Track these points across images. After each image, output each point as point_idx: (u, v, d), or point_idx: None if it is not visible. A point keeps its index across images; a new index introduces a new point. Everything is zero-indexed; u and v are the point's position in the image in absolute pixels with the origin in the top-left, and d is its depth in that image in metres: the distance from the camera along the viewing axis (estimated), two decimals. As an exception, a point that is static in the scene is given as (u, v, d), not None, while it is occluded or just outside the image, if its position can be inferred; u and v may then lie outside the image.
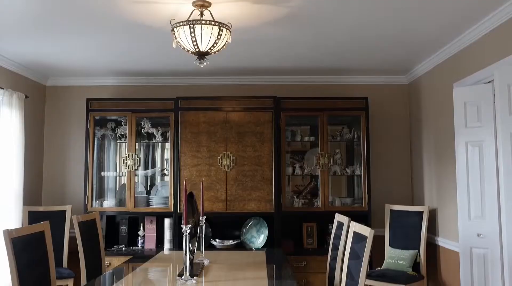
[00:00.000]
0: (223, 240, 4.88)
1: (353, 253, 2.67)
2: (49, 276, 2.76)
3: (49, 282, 2.76)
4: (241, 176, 4.88)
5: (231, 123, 4.96)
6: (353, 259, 2.65)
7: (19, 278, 2.48)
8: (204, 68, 5.02)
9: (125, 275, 2.96)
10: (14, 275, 2.46)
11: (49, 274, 2.77)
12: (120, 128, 5.19)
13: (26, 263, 2.56)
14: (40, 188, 5.43)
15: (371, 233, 2.48)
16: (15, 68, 4.86)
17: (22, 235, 2.59)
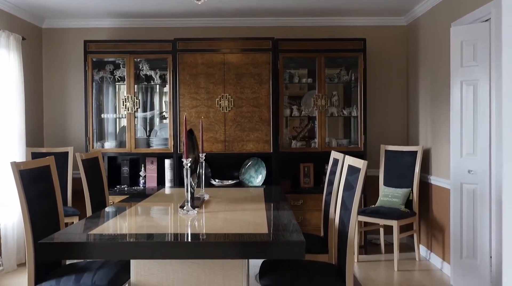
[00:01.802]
0: (222, 180, 5.02)
1: (347, 184, 2.78)
2: (57, 209, 2.89)
3: (57, 215, 2.88)
4: (239, 117, 4.96)
5: (229, 64, 4.97)
6: (347, 190, 2.77)
7: (29, 210, 2.60)
8: (201, 9, 5.00)
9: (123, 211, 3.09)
10: (24, 206, 2.57)
11: (56, 207, 2.89)
12: (119, 70, 5.21)
13: (34, 196, 2.67)
14: (42, 130, 5.51)
15: (364, 164, 2.58)
16: (10, 9, 4.81)
17: (29, 168, 2.68)
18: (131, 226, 2.70)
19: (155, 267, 2.48)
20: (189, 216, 2.84)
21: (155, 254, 2.26)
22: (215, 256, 2.28)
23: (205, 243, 2.27)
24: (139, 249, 2.26)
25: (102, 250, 2.28)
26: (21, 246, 4.68)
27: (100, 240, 2.31)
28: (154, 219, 3.02)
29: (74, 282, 2.54)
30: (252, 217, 2.83)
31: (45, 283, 2.55)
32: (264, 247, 2.25)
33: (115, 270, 2.69)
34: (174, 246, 2.27)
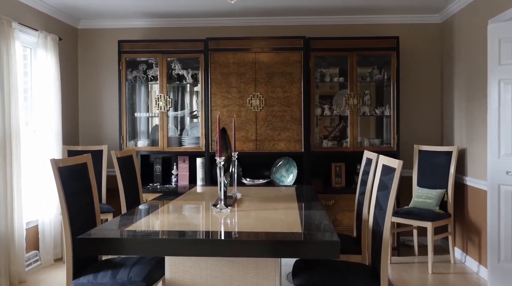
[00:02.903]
0: (253, 179, 5.02)
1: (382, 184, 2.74)
2: (93, 206, 2.95)
3: (93, 211, 2.95)
4: (270, 116, 4.95)
5: (261, 63, 4.97)
6: (381, 190, 2.73)
7: (67, 206, 2.66)
8: (233, 8, 5.02)
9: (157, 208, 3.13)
10: (63, 202, 2.64)
11: (93, 204, 2.95)
12: (151, 70, 5.28)
13: (72, 192, 2.73)
14: (77, 128, 5.64)
15: (399, 164, 2.54)
16: (48, 11, 4.94)
17: (67, 165, 2.75)
18: (165, 223, 2.73)
19: (189, 264, 2.50)
20: (222, 214, 2.86)
21: (189, 251, 2.28)
22: (248, 254, 2.28)
23: (239, 241, 2.27)
24: (174, 246, 2.28)
25: (137, 246, 2.31)
26: (58, 241, 4.80)
27: (136, 237, 2.35)
28: (188, 217, 3.05)
29: (110, 277, 2.58)
30: (284, 216, 2.82)
31: (82, 278, 2.61)
32: (298, 246, 2.24)
33: (150, 267, 2.72)
34: (207, 243, 2.28)
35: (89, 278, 2.60)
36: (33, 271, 4.45)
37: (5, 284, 3.91)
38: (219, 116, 2.92)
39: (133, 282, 2.57)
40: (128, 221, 2.70)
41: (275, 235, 2.32)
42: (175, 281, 2.50)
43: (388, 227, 2.53)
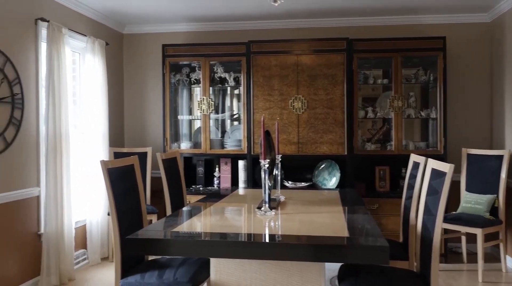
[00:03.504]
0: (295, 182, 4.99)
1: (431, 189, 2.66)
2: (140, 206, 3.00)
3: (140, 212, 3.00)
4: (313, 119, 4.92)
5: (303, 66, 4.95)
6: (430, 195, 2.65)
7: (116, 206, 2.72)
8: (274, 11, 5.02)
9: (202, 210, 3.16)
10: (112, 202, 2.70)
11: (140, 205, 3.01)
12: (194, 73, 5.35)
13: (120, 193, 2.79)
14: (122, 131, 5.78)
15: (450, 168, 2.46)
16: (96, 17, 5.09)
17: (116, 166, 2.81)
18: (210, 225, 2.75)
19: (234, 266, 2.51)
20: (266, 217, 2.85)
21: (233, 253, 2.28)
22: (294, 258, 2.26)
23: (283, 245, 2.25)
24: (218, 248, 2.29)
25: (183, 247, 2.33)
26: (104, 241, 4.93)
27: (181, 238, 2.37)
28: (232, 219, 3.06)
29: (157, 277, 2.62)
30: (330, 219, 2.79)
31: (130, 277, 2.66)
32: (344, 251, 2.20)
33: (195, 268, 2.75)
34: (252, 246, 2.28)
35: (136, 278, 2.64)
36: (81, 269, 4.58)
37: (56, 281, 4.04)
38: (264, 119, 2.92)
39: (179, 282, 2.59)
40: (174, 223, 2.73)
41: (320, 239, 2.29)
42: (220, 283, 2.51)
43: (438, 233, 2.45)
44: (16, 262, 3.82)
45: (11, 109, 3.77)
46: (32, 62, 4.06)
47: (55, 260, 4.04)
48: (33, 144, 4.05)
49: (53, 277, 4.02)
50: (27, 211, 3.97)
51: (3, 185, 3.68)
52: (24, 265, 3.91)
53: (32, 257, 4.00)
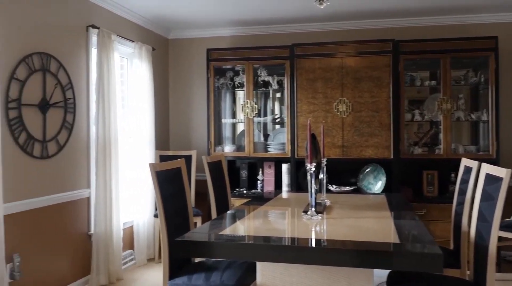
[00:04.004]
0: (340, 186, 4.93)
1: (485, 194, 2.56)
2: (187, 209, 3.04)
3: (187, 214, 3.04)
4: (357, 122, 4.84)
5: (347, 68, 4.89)
6: (485, 201, 2.55)
7: (164, 208, 2.77)
8: (318, 13, 4.99)
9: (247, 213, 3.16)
10: (160, 204, 2.75)
11: (187, 207, 3.04)
12: (238, 77, 5.38)
13: (168, 195, 2.84)
14: (168, 134, 5.89)
15: (507, 173, 2.36)
16: (143, 23, 5.22)
17: (164, 169, 2.86)
18: (256, 228, 2.75)
19: (280, 270, 2.49)
20: (313, 221, 2.82)
21: (279, 257, 2.27)
22: (342, 263, 2.22)
23: (332, 250, 2.22)
24: (264, 252, 2.29)
25: (229, 250, 2.34)
26: (151, 242, 5.03)
27: (228, 241, 2.38)
28: (278, 222, 3.05)
29: (204, 280, 2.64)
30: (378, 225, 2.73)
31: (178, 279, 2.69)
32: (395, 258, 2.14)
33: (241, 271, 2.75)
34: (299, 250, 2.26)
35: (184, 280, 2.68)
36: (129, 269, 4.69)
37: (105, 280, 4.15)
38: (310, 122, 2.89)
39: (226, 285, 2.60)
40: (220, 226, 2.75)
41: (369, 245, 2.25)
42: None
43: (494, 241, 2.36)
44: (68, 261, 3.95)
45: (63, 113, 3.91)
46: (83, 68, 4.20)
47: (104, 260, 4.16)
48: (84, 147, 4.18)
49: (102, 276, 4.13)
50: (78, 212, 4.10)
51: (56, 187, 3.82)
52: (76, 264, 4.04)
53: (83, 256, 4.13)
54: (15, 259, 3.34)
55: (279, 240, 2.40)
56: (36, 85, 3.61)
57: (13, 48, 3.39)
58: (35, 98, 3.61)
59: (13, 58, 3.40)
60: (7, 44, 3.31)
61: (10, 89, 3.36)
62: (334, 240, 2.38)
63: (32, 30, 3.60)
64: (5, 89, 3.31)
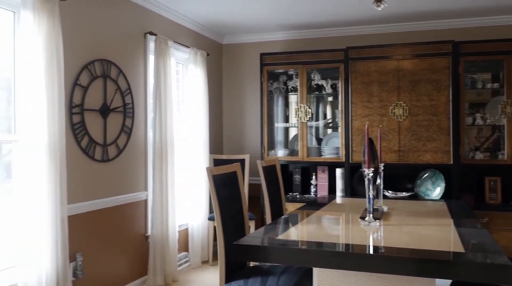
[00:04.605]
0: (396, 191, 4.80)
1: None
2: (242, 212, 3.06)
3: (242, 218, 3.05)
4: (415, 126, 4.70)
5: (404, 71, 4.76)
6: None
7: (220, 211, 2.79)
8: (372, 16, 4.90)
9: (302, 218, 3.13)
10: (216, 207, 2.77)
11: (242, 211, 3.06)
12: (291, 81, 5.37)
13: (224, 199, 2.86)
14: (221, 138, 5.96)
15: None
16: (198, 29, 5.32)
17: (220, 173, 2.89)
18: (312, 234, 2.72)
19: (338, 277, 2.44)
20: (370, 227, 2.76)
21: (335, 263, 2.23)
22: (400, 272, 2.15)
23: (390, 257, 2.16)
24: (321, 258, 2.25)
25: (286, 255, 2.32)
26: (205, 245, 5.09)
27: (284, 246, 2.36)
28: (334, 228, 3.00)
29: (260, 284, 2.64)
30: (440, 233, 2.63)
31: (234, 282, 2.70)
32: (460, 267, 2.05)
33: (297, 277, 2.73)
34: (355, 257, 2.21)
35: (240, 283, 2.68)
36: (184, 271, 4.77)
37: (161, 281, 4.25)
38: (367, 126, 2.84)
39: (282, 290, 2.59)
40: (277, 230, 2.74)
41: (432, 253, 2.16)
42: (323, 294, 2.46)
43: None
44: (127, 261, 4.07)
45: (123, 117, 4.04)
46: (141, 74, 4.32)
47: (161, 261, 4.25)
48: (141, 150, 4.30)
49: (159, 277, 4.22)
50: (136, 214, 4.22)
51: (115, 189, 3.94)
52: (133, 264, 4.16)
53: (140, 257, 4.24)
54: (77, 258, 3.47)
55: (334, 246, 2.36)
56: (97, 90, 3.76)
57: (76, 56, 3.55)
58: (97, 103, 3.75)
59: (77, 65, 3.55)
60: (71, 52, 3.47)
61: (74, 94, 3.51)
62: (393, 248, 2.31)
63: (94, 38, 3.75)
64: (69, 95, 3.46)
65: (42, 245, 3.01)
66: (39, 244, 2.99)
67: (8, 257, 3.08)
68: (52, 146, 3.09)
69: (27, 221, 2.96)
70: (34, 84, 2.99)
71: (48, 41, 3.07)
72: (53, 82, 3.10)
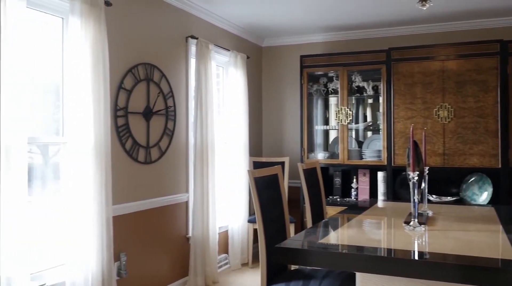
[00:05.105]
0: (440, 196, 4.67)
1: None
2: (283, 216, 3.04)
3: (283, 221, 3.04)
4: (460, 128, 4.56)
5: (449, 72, 4.63)
6: None
7: (262, 214, 2.79)
8: (416, 15, 4.79)
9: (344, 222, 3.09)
10: (258, 210, 2.77)
11: (283, 214, 3.05)
12: (332, 83, 5.32)
13: (265, 201, 2.86)
14: (261, 140, 5.97)
15: None
16: (238, 32, 5.35)
17: (262, 176, 2.89)
18: (354, 238, 2.67)
19: (381, 283, 2.39)
20: (415, 232, 2.68)
21: (378, 268, 2.18)
22: (449, 279, 2.07)
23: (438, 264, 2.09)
24: (365, 262, 2.21)
25: (328, 259, 2.29)
26: (244, 247, 5.10)
27: (327, 250, 2.33)
28: (376, 233, 2.94)
29: (302, 288, 2.62)
30: (489, 239, 2.53)
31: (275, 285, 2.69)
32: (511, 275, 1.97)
33: (339, 281, 2.69)
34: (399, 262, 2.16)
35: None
36: (224, 273, 4.80)
37: (202, 283, 4.28)
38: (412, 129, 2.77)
39: (324, 295, 2.56)
40: (317, 234, 2.71)
41: (479, 260, 2.08)
42: (366, 299, 2.41)
43: None
44: (168, 261, 4.13)
45: (165, 120, 4.11)
46: (182, 77, 4.39)
47: (201, 263, 4.29)
48: (183, 153, 4.36)
49: (200, 279, 4.26)
50: (178, 215, 4.28)
51: (158, 191, 4.01)
52: (175, 265, 4.21)
53: (181, 258, 4.30)
54: (121, 258, 3.55)
55: (376, 250, 2.32)
56: (141, 94, 3.84)
57: (121, 60, 3.64)
58: (140, 106, 3.83)
59: (121, 69, 3.64)
60: (116, 56, 3.56)
61: (119, 98, 3.60)
62: (438, 254, 2.24)
63: (138, 42, 3.83)
64: (114, 98, 3.55)
65: (89, 245, 3.09)
66: (85, 244, 3.08)
67: (57, 255, 3.18)
68: (98, 148, 3.17)
69: (74, 221, 3.05)
70: (81, 88, 3.08)
71: (94, 46, 3.16)
72: (99, 86, 3.19)
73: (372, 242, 2.56)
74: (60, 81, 3.26)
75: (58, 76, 3.27)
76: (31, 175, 3.07)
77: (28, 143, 2.83)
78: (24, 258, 2.64)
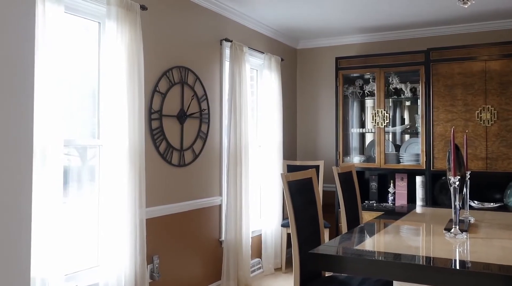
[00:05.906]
0: (482, 202, 4.48)
1: None
2: (317, 220, 2.98)
3: (318, 226, 2.97)
4: (504, 131, 4.37)
5: (492, 73, 4.44)
6: None
7: (295, 218, 2.73)
8: (456, 15, 4.63)
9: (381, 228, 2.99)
10: (291, 214, 2.72)
11: (317, 218, 2.98)
12: (368, 85, 5.20)
13: (299, 205, 2.80)
14: (295, 144, 5.91)
15: None
16: (272, 34, 5.32)
17: (295, 179, 2.83)
18: (391, 245, 2.58)
19: (420, 292, 2.29)
20: (457, 240, 2.56)
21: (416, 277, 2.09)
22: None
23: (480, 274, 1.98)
24: (402, 271, 2.12)
25: (364, 267, 2.22)
26: (278, 251, 5.05)
27: (362, 257, 2.26)
28: (415, 240, 2.83)
29: (336, 295, 2.55)
30: (537, 248, 2.39)
31: (309, 292, 2.63)
32: None
33: (376, 289, 2.60)
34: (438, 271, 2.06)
35: (315, 293, 2.60)
36: (256, 277, 4.76)
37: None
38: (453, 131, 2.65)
39: (359, 303, 2.48)
40: (353, 240, 2.63)
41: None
42: (405, 308, 2.32)
43: None
44: (201, 265, 4.12)
45: (199, 123, 4.11)
46: (216, 80, 4.38)
47: (234, 266, 4.26)
48: (216, 156, 4.35)
49: (232, 282, 4.23)
50: (211, 219, 4.26)
51: (191, 194, 4.01)
52: (207, 269, 4.20)
53: (214, 262, 4.28)
54: (154, 261, 3.56)
55: (415, 258, 2.22)
56: (175, 97, 3.85)
57: (156, 63, 3.66)
58: (174, 109, 3.84)
59: (156, 73, 3.66)
60: (151, 60, 3.58)
61: (153, 101, 3.62)
62: (480, 263, 2.13)
63: (172, 46, 3.85)
64: (148, 101, 3.57)
65: (122, 247, 3.11)
66: (119, 246, 3.10)
67: (90, 257, 3.22)
68: (132, 150, 3.19)
69: (109, 222, 3.08)
70: (116, 91, 3.11)
71: (130, 50, 3.19)
72: (134, 89, 3.22)
73: (410, 250, 2.46)
74: (97, 85, 3.31)
75: (95, 80, 3.32)
76: (68, 177, 3.12)
77: (65, 145, 2.88)
78: (58, 259, 2.67)
